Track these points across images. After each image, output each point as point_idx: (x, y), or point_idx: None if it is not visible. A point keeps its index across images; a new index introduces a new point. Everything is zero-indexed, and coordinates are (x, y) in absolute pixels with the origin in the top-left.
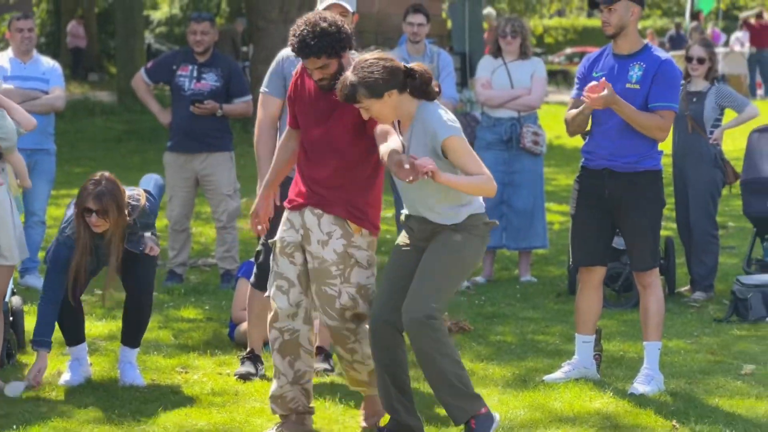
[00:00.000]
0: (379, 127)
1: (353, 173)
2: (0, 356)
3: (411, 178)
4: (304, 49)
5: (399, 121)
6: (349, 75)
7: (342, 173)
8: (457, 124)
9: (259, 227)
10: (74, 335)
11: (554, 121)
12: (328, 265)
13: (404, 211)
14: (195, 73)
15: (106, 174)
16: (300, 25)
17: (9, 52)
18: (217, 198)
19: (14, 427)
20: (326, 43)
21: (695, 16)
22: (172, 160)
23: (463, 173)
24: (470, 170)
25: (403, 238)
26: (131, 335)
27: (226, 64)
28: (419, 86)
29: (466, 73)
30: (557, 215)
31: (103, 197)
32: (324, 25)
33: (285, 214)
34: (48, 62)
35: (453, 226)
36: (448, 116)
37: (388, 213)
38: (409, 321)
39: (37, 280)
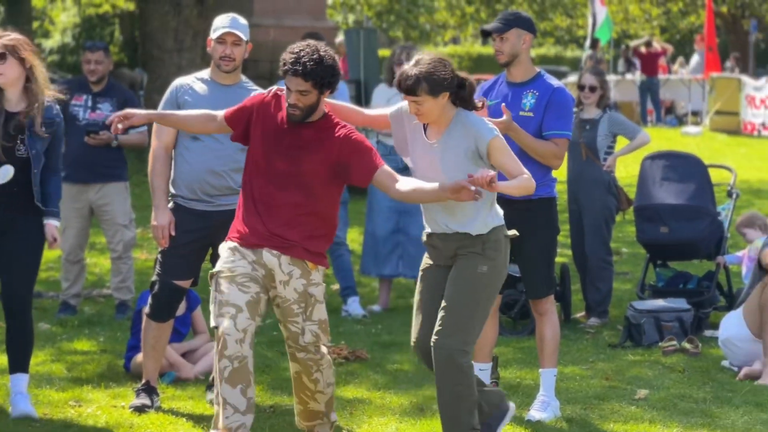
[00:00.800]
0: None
1: (315, 209)
2: None
3: (479, 195)
4: (296, 66)
5: (424, 125)
6: (413, 68)
7: (303, 209)
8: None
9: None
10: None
11: None
12: (290, 304)
13: (426, 230)
14: (90, 103)
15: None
16: (301, 46)
17: None
18: (112, 228)
19: None
20: (320, 72)
21: (594, 45)
22: (65, 190)
23: (505, 172)
24: (512, 169)
25: (427, 260)
26: (19, 359)
27: (121, 93)
28: (466, 96)
29: (361, 101)
30: None
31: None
32: (325, 56)
33: (232, 245)
34: None
35: (479, 243)
36: (488, 120)
37: None
38: (437, 353)
39: None
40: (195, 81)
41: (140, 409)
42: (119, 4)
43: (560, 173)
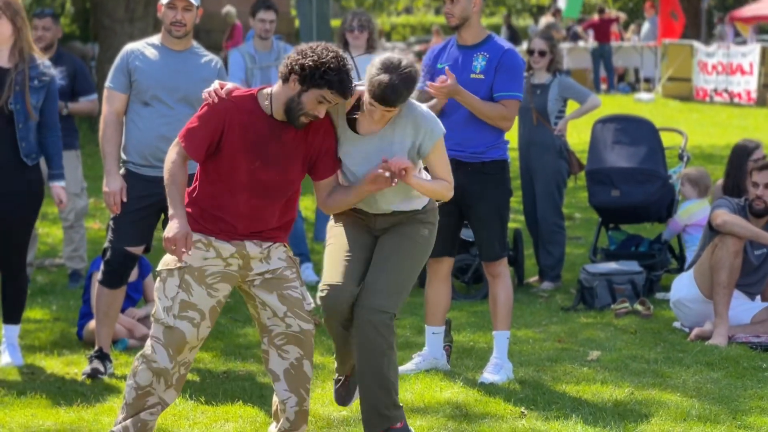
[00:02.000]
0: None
1: (294, 203)
2: None
3: (395, 181)
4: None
5: (349, 119)
6: (395, 78)
7: (284, 212)
8: None
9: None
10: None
11: None
12: (281, 270)
13: (358, 206)
14: None
15: None
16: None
17: None
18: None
19: None
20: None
21: (555, 14)
22: None
23: (433, 172)
24: (441, 171)
25: (346, 221)
26: (11, 310)
27: (71, 61)
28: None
29: None
30: None
31: None
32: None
33: (202, 237)
34: None
35: (419, 213)
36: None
37: None
38: (367, 315)
39: None
40: (146, 47)
41: (93, 376)
42: None
43: (512, 138)
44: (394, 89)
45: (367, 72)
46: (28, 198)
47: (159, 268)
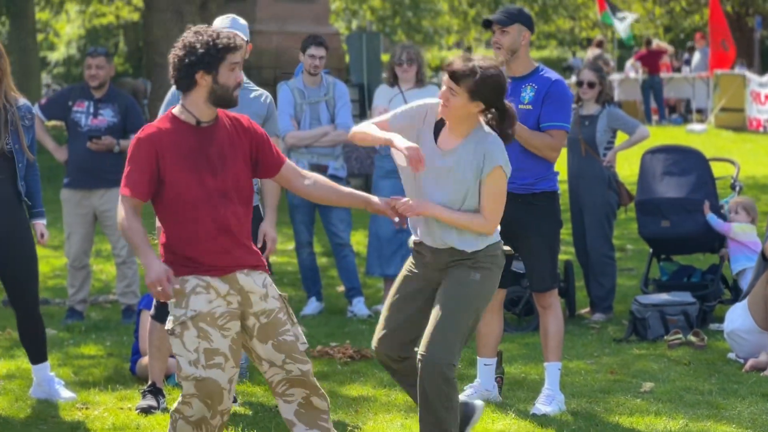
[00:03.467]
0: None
1: (249, 212)
2: None
3: (400, 224)
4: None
5: (445, 122)
6: (476, 60)
7: (245, 219)
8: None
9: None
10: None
11: None
12: (276, 313)
13: (414, 238)
14: (92, 109)
15: None
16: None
17: None
18: (116, 233)
19: None
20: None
21: (600, 44)
22: (69, 196)
23: (480, 204)
24: (486, 205)
25: (409, 266)
26: (35, 351)
27: (123, 99)
28: (503, 121)
29: (364, 105)
30: None
31: None
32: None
33: (198, 280)
34: None
35: (471, 256)
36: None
37: (288, 246)
38: (427, 367)
39: None
40: None
41: (147, 411)
42: (123, 14)
43: (561, 170)
44: (465, 62)
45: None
46: (29, 233)
47: (168, 326)
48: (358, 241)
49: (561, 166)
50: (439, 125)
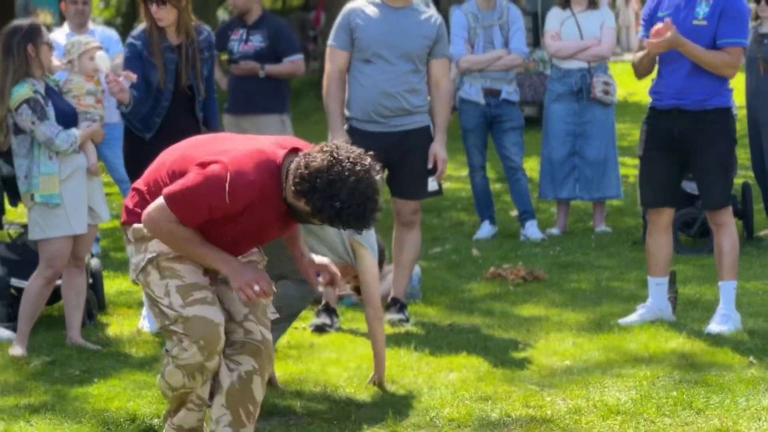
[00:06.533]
0: None
1: None
2: (82, 316)
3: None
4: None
5: None
6: None
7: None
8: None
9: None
10: None
11: (629, 77)
12: (252, 258)
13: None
14: (244, 36)
15: None
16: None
17: (65, 28)
18: None
19: (95, 380)
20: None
21: None
22: (229, 121)
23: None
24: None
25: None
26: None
27: (273, 24)
28: None
29: (538, 33)
30: (632, 169)
31: None
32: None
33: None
34: (105, 32)
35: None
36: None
37: (462, 172)
38: None
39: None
40: (367, 5)
41: (321, 329)
42: None
43: (739, 92)
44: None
45: None
46: None
47: (132, 277)
48: (531, 167)
49: (739, 86)
50: None
